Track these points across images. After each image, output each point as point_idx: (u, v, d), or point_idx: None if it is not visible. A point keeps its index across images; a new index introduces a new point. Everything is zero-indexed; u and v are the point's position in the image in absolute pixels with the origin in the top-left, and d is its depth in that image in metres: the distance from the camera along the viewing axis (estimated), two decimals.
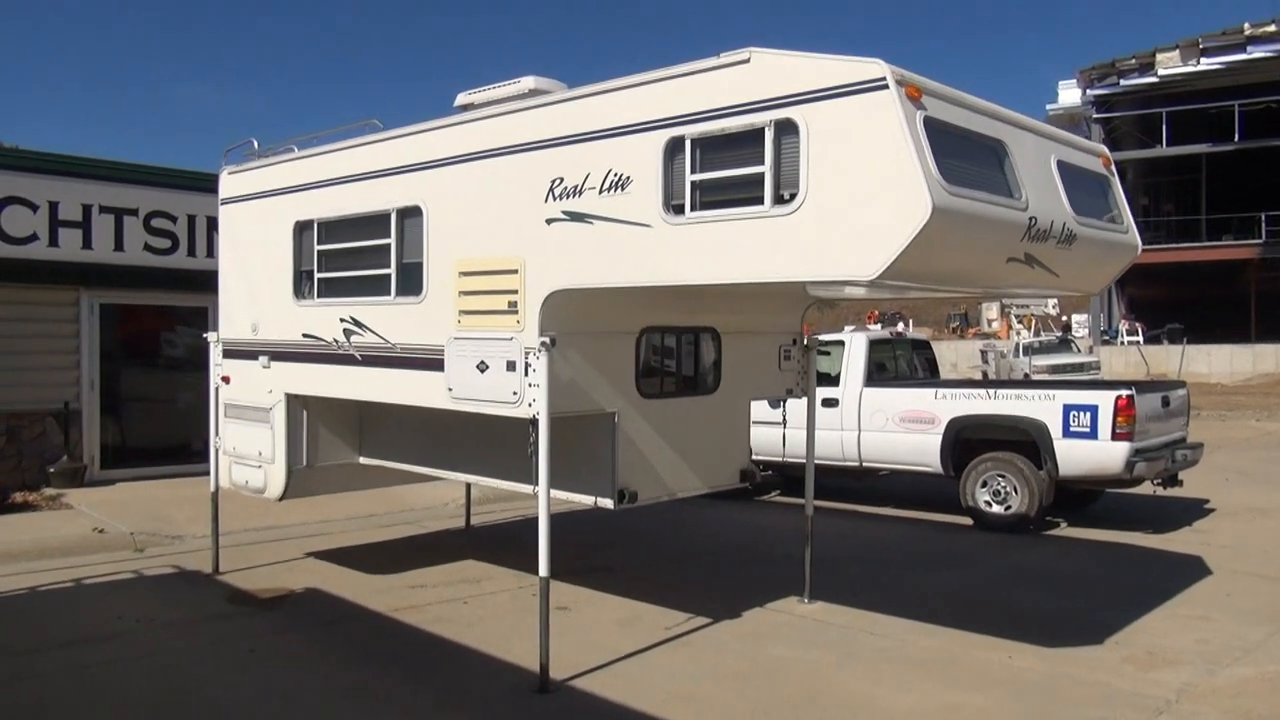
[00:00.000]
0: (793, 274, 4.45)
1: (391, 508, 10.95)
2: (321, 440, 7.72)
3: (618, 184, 5.11)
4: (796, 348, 7.33)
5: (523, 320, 5.63)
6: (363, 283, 6.81)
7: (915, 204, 4.03)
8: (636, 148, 5.04)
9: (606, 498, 6.09)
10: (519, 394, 5.64)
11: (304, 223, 7.28)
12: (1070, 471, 9.83)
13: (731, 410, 6.90)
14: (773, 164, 4.50)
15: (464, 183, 6.01)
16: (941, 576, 8.38)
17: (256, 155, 7.95)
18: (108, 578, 8.17)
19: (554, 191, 5.44)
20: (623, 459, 6.06)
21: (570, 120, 5.37)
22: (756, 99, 4.54)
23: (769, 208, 4.51)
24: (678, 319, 6.43)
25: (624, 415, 6.06)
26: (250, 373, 7.81)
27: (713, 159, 4.76)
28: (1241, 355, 35.76)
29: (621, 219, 5.10)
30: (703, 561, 9.00)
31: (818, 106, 4.33)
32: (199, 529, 9.67)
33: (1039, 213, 4.81)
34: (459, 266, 6.02)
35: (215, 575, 8.24)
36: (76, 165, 12.13)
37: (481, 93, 6.09)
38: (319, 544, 9.46)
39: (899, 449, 10.97)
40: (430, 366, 6.20)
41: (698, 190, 4.82)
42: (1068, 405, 9.79)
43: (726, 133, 4.67)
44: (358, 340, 6.79)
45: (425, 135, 6.27)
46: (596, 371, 5.90)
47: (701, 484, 6.67)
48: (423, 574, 8.31)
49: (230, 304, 8.13)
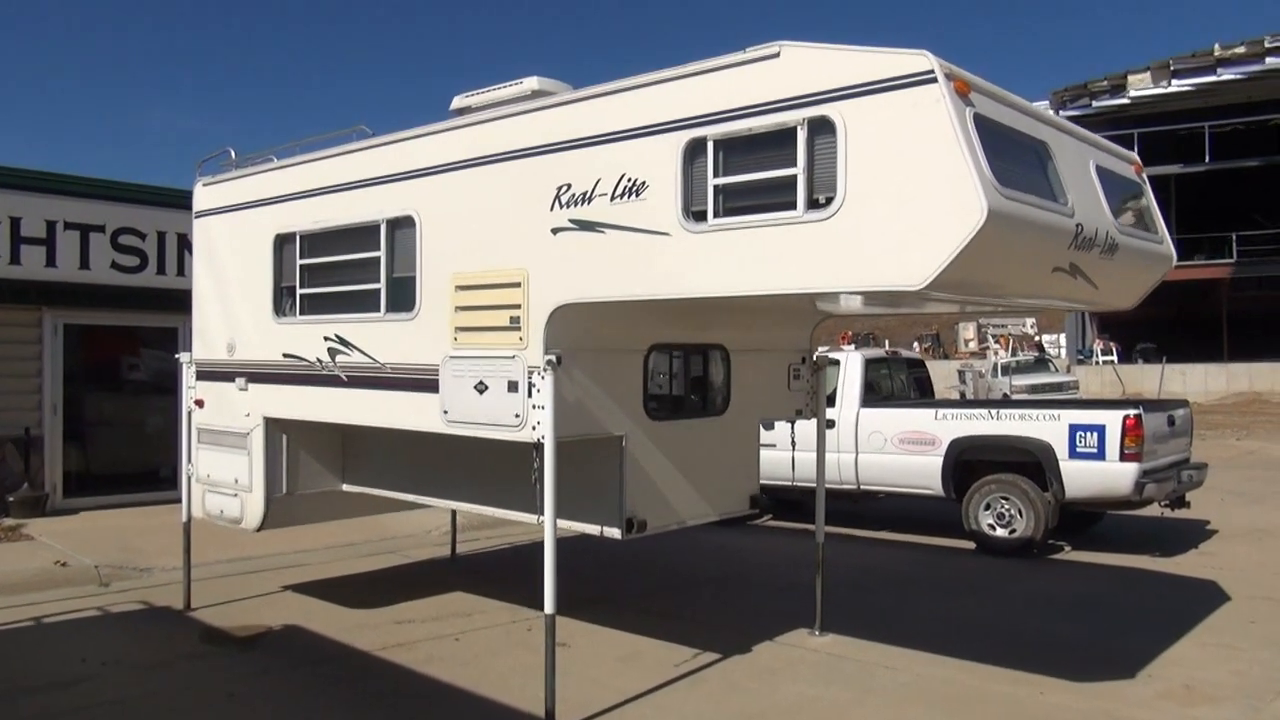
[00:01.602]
0: (829, 284, 4.11)
1: (372, 536, 10.47)
2: (302, 467, 7.27)
3: (631, 190, 4.76)
4: (806, 367, 6.99)
5: (526, 337, 5.25)
6: (349, 299, 6.40)
7: (968, 207, 3.71)
8: (652, 151, 4.69)
9: (614, 527, 5.70)
10: (521, 416, 5.25)
11: (285, 235, 6.86)
12: (1077, 494, 9.55)
13: (741, 432, 6.54)
14: (806, 166, 4.17)
15: (461, 191, 5.63)
16: (951, 604, 8.04)
17: (234, 166, 7.53)
18: (71, 615, 7.64)
19: (560, 199, 5.08)
20: (631, 485, 5.68)
21: (578, 123, 5.02)
22: (787, 96, 4.21)
23: (802, 213, 4.17)
24: (686, 336, 6.07)
25: (632, 438, 5.68)
26: (226, 395, 7.35)
27: (738, 161, 4.42)
28: (1215, 374, 35.99)
29: (636, 227, 4.74)
30: (701, 591, 8.60)
31: (857, 103, 4.01)
32: (168, 560, 9.16)
33: (1084, 220, 4.51)
34: (455, 280, 5.63)
35: (187, 611, 7.73)
36: (40, 180, 11.61)
37: (480, 95, 5.73)
38: (297, 576, 8.97)
39: (898, 471, 10.65)
40: (423, 388, 5.79)
41: (721, 195, 4.48)
42: (1074, 425, 9.53)
43: (754, 133, 4.34)
44: (344, 360, 6.37)
45: (419, 141, 5.89)
46: (603, 392, 5.52)
47: (711, 510, 6.30)
48: (409, 608, 7.85)
49: (205, 323, 7.67)
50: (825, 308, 6.52)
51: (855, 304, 6.04)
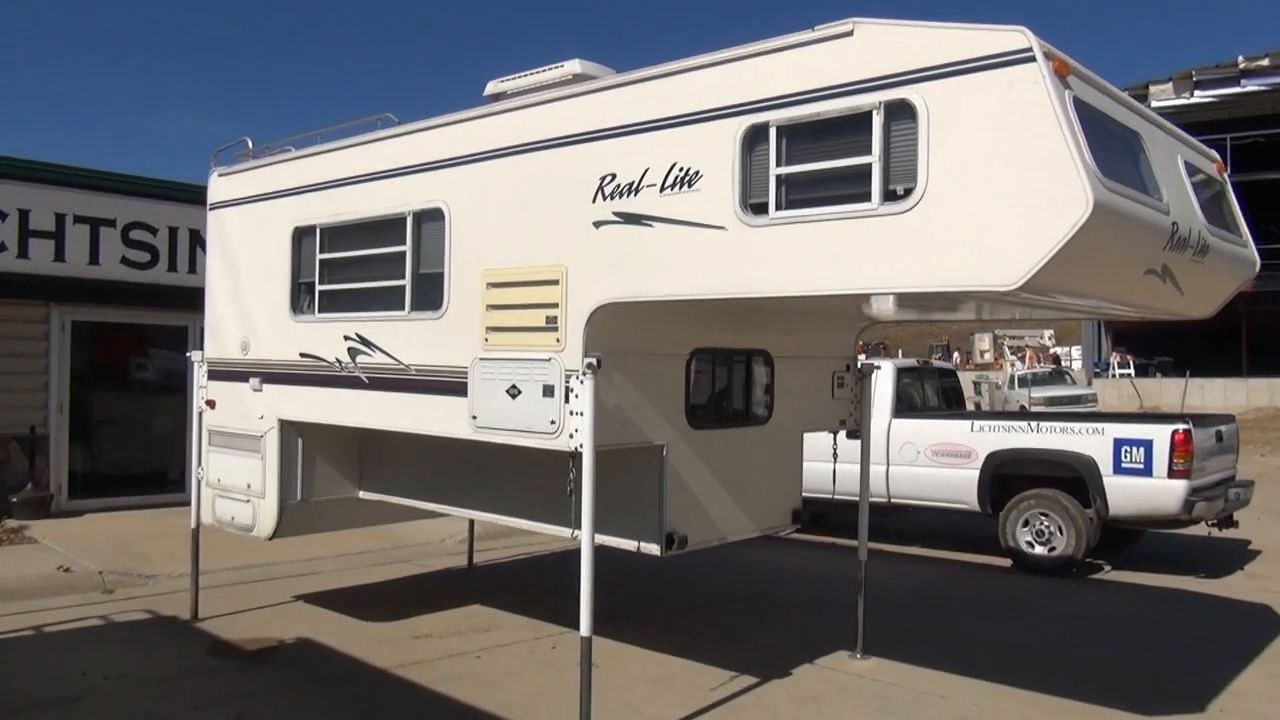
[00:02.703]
0: (906, 283, 3.74)
1: (385, 544, 10.11)
2: (318, 472, 6.91)
3: (683, 180, 4.40)
4: (850, 374, 6.62)
5: (564, 338, 4.89)
6: (372, 296, 6.06)
7: (1071, 199, 3.34)
8: (707, 138, 4.33)
9: (652, 542, 5.34)
10: (558, 423, 4.89)
11: (304, 229, 6.52)
12: (1121, 511, 9.15)
13: (784, 443, 6.17)
14: (882, 153, 3.81)
15: (494, 182, 5.28)
16: (995, 626, 7.65)
17: (251, 156, 7.20)
18: (73, 624, 7.29)
19: (604, 190, 4.72)
20: (671, 498, 5.31)
21: (625, 108, 4.66)
22: (862, 78, 3.86)
23: (877, 205, 3.81)
24: (730, 340, 5.71)
25: (672, 448, 5.32)
26: (239, 396, 7.01)
27: (804, 149, 4.06)
28: (1235, 389, 35.45)
29: (688, 220, 4.38)
30: (729, 607, 8.22)
31: (941, 85, 3.64)
32: (175, 567, 8.81)
33: (1179, 218, 4.14)
34: (487, 277, 5.28)
35: (194, 622, 7.38)
36: (49, 171, 11.28)
37: (516, 80, 5.38)
38: (308, 585, 8.61)
39: (931, 484, 10.26)
40: (450, 391, 5.44)
41: (784, 186, 4.12)
42: (1119, 440, 9.13)
43: (822, 118, 3.98)
44: (365, 360, 6.02)
45: (449, 128, 5.54)
46: (644, 398, 5.16)
47: (753, 526, 5.93)
48: (426, 621, 7.49)
49: (218, 320, 7.33)
50: (874, 312, 6.16)
51: (888, 307, 5.66)
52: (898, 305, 5.17)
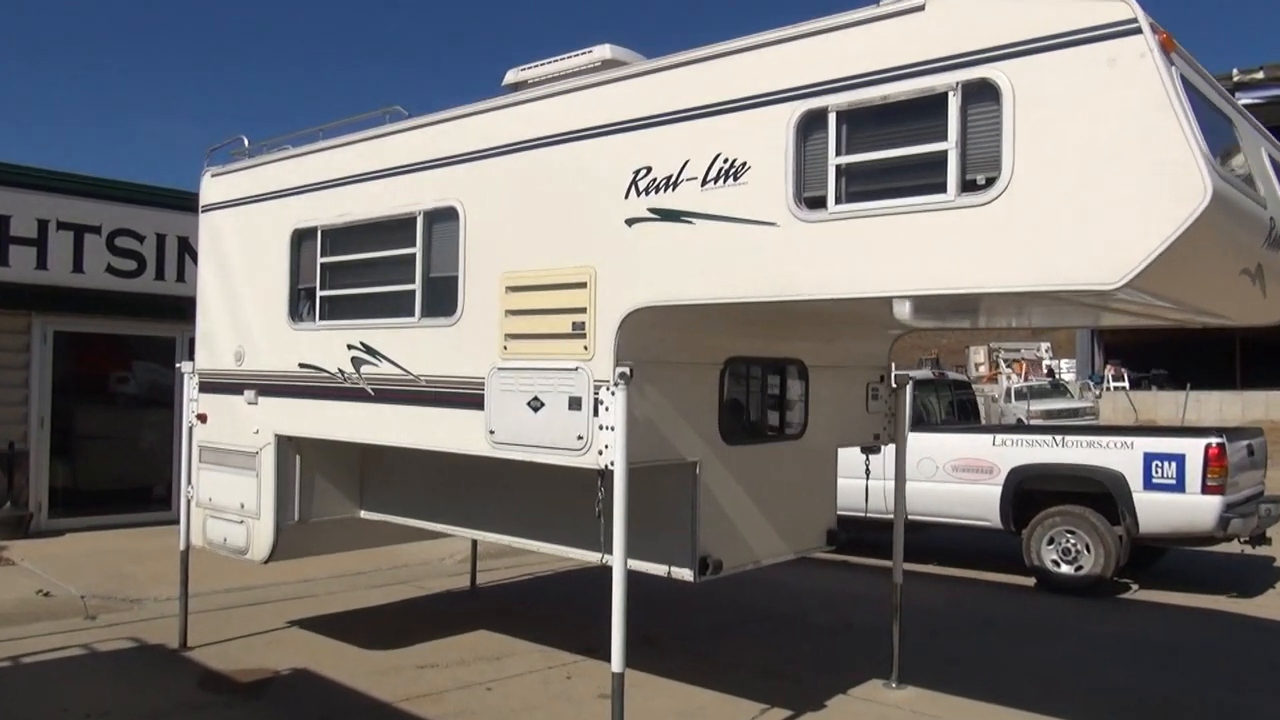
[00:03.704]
0: (989, 282, 3.37)
1: (382, 564, 9.65)
2: (317, 491, 6.49)
3: (728, 173, 4.03)
4: (885, 386, 6.25)
5: (592, 346, 4.50)
6: (378, 301, 5.65)
7: (1186, 187, 2.97)
8: (756, 126, 3.96)
9: (684, 567, 4.93)
10: (585, 438, 4.49)
11: (304, 231, 6.11)
12: (1152, 529, 8.79)
13: (819, 459, 5.79)
14: (959, 139, 3.44)
15: (514, 177, 4.89)
16: (1029, 650, 7.27)
17: (247, 155, 6.79)
18: (52, 654, 6.82)
19: (638, 185, 4.34)
20: (704, 519, 4.91)
21: (663, 96, 4.28)
22: (935, 56, 3.49)
23: (954, 196, 3.44)
24: (764, 348, 5.33)
25: (706, 465, 4.92)
26: (233, 410, 6.58)
27: (868, 136, 3.69)
28: (1230, 402, 35.28)
29: (734, 216, 4.01)
30: (751, 631, 7.81)
31: (1029, 62, 3.28)
32: (161, 589, 8.36)
33: (1276, 213, 3.78)
34: (506, 280, 4.88)
35: (182, 651, 6.92)
36: (32, 176, 10.85)
37: (539, 68, 4.99)
38: (303, 609, 8.16)
39: (951, 501, 9.88)
40: (465, 403, 5.03)
41: (844, 177, 3.74)
42: (1149, 454, 8.78)
43: (890, 101, 3.61)
44: (370, 371, 5.61)
45: (464, 121, 5.15)
46: (677, 411, 4.77)
47: (787, 548, 5.53)
48: (431, 649, 7.05)
49: (210, 328, 6.90)
50: (909, 318, 5.78)
51: (929, 312, 5.29)
52: (957, 308, 4.77)
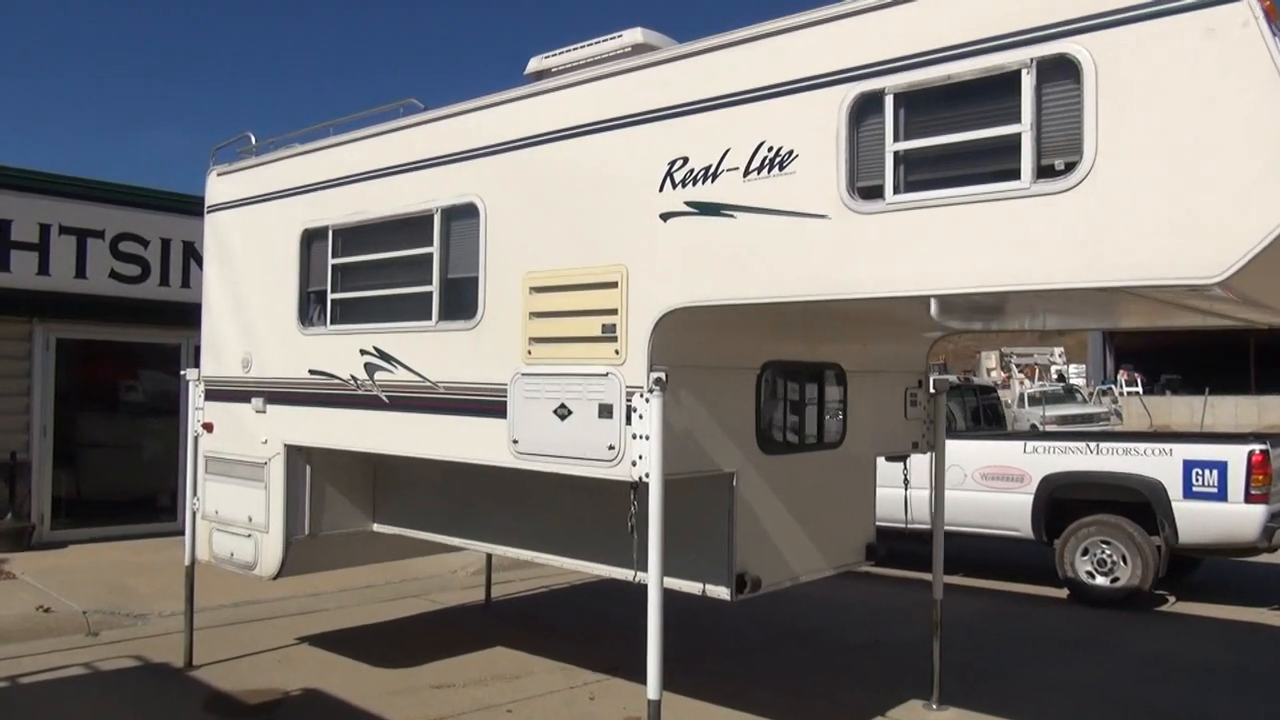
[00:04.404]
0: (1071, 276, 3.07)
1: (392, 577, 9.35)
2: (328, 503, 6.21)
3: (773, 162, 3.74)
4: (923, 391, 5.95)
5: (623, 350, 4.21)
6: (393, 304, 5.37)
7: None
8: (804, 111, 3.67)
9: (720, 585, 4.64)
10: (617, 449, 4.20)
11: (315, 231, 5.84)
12: (1193, 539, 8.47)
13: (857, 469, 5.49)
14: (1034, 121, 3.15)
15: (538, 171, 4.61)
16: (1071, 669, 6.95)
17: (254, 153, 6.52)
18: (54, 673, 6.54)
19: (673, 177, 4.05)
20: (741, 534, 4.62)
21: (700, 81, 4.00)
22: (1006, 31, 3.20)
23: (1029, 183, 3.15)
24: (802, 352, 5.04)
25: (742, 476, 4.63)
26: (240, 419, 6.30)
27: (930, 120, 3.40)
28: (1246, 406, 34.92)
29: (779, 209, 3.72)
30: (777, 649, 7.50)
31: (1113, 35, 2.99)
32: (165, 604, 8.08)
33: None
34: (529, 281, 4.60)
35: (188, 670, 6.63)
36: (33, 179, 10.59)
37: (565, 54, 4.71)
38: (311, 625, 7.87)
39: (979, 510, 9.56)
40: (486, 411, 4.74)
41: (902, 164, 3.46)
42: (1189, 461, 8.47)
43: (954, 81, 3.32)
44: (384, 378, 5.32)
45: (483, 113, 4.88)
46: (713, 419, 4.47)
47: (825, 564, 5.23)
48: (446, 668, 6.75)
49: (216, 334, 6.63)
50: (944, 320, 5.49)
51: (956, 313, 4.99)
52: (1023, 306, 4.47)
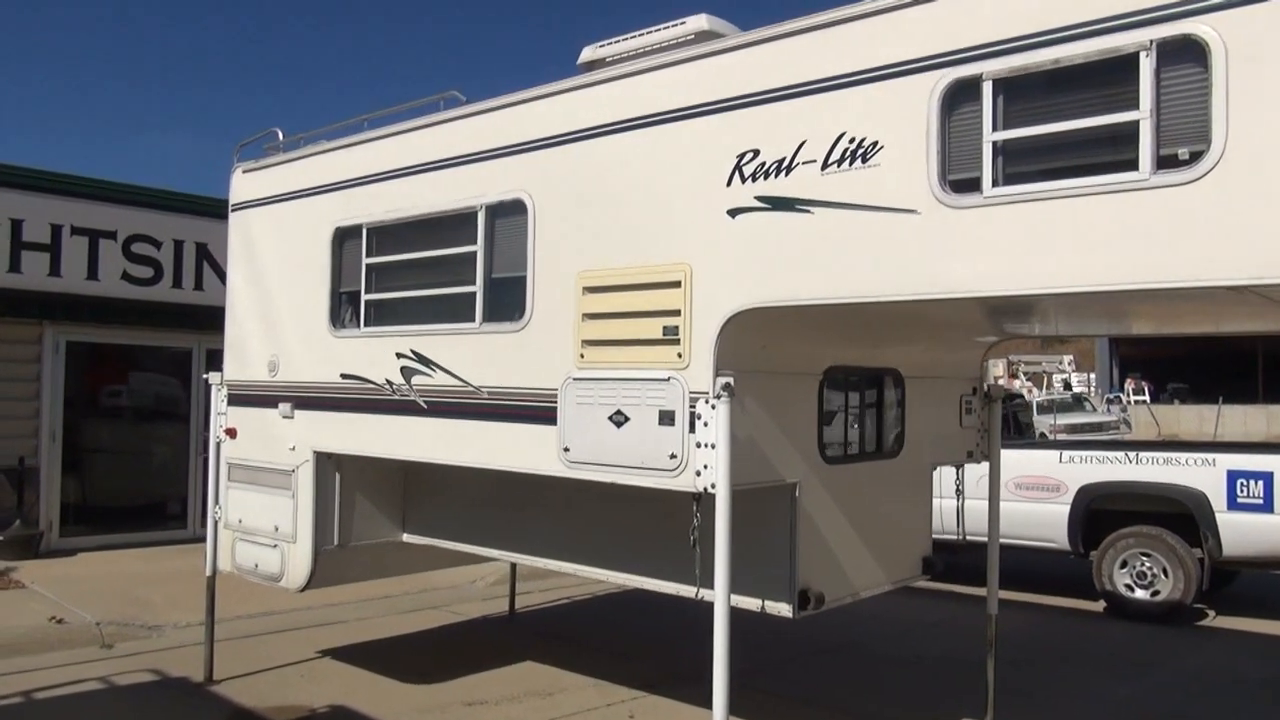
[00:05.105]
0: (1194, 275, 2.86)
1: (410, 588, 9.11)
2: (358, 513, 5.98)
3: (855, 154, 3.52)
4: (978, 398, 5.73)
5: (687, 353, 3.99)
6: (431, 306, 5.15)
7: None
8: (890, 99, 3.46)
9: (781, 602, 4.41)
10: (680, 458, 3.97)
11: (348, 229, 5.61)
12: (1237, 552, 8.25)
13: (915, 479, 5.28)
14: (1154, 107, 2.93)
15: (592, 166, 4.39)
16: (1123, 687, 6.72)
17: (280, 149, 6.30)
18: (68, 688, 6.30)
19: (743, 170, 3.83)
20: (804, 548, 4.39)
21: (774, 69, 3.78)
22: (1122, 11, 2.99)
23: (1148, 174, 2.93)
24: (864, 356, 4.82)
25: (805, 487, 4.40)
26: (266, 424, 6.07)
27: (1033, 108, 3.18)
28: (1255, 415, 34.71)
29: (862, 203, 3.50)
30: (813, 666, 7.25)
31: (1246, 12, 2.78)
32: (180, 615, 7.85)
33: None
34: (583, 280, 4.37)
35: (209, 685, 6.40)
36: (45, 179, 10.37)
37: (620, 43, 4.50)
38: (332, 637, 7.63)
39: (1013, 521, 9.28)
40: (534, 418, 4.52)
41: (1001, 155, 3.24)
42: (1233, 472, 8.25)
43: (1062, 65, 3.10)
44: (422, 382, 5.09)
45: (533, 105, 4.66)
46: (776, 427, 4.25)
47: (885, 578, 5.00)
48: (476, 683, 6.52)
49: (240, 336, 6.40)
50: (1009, 327, 5.27)
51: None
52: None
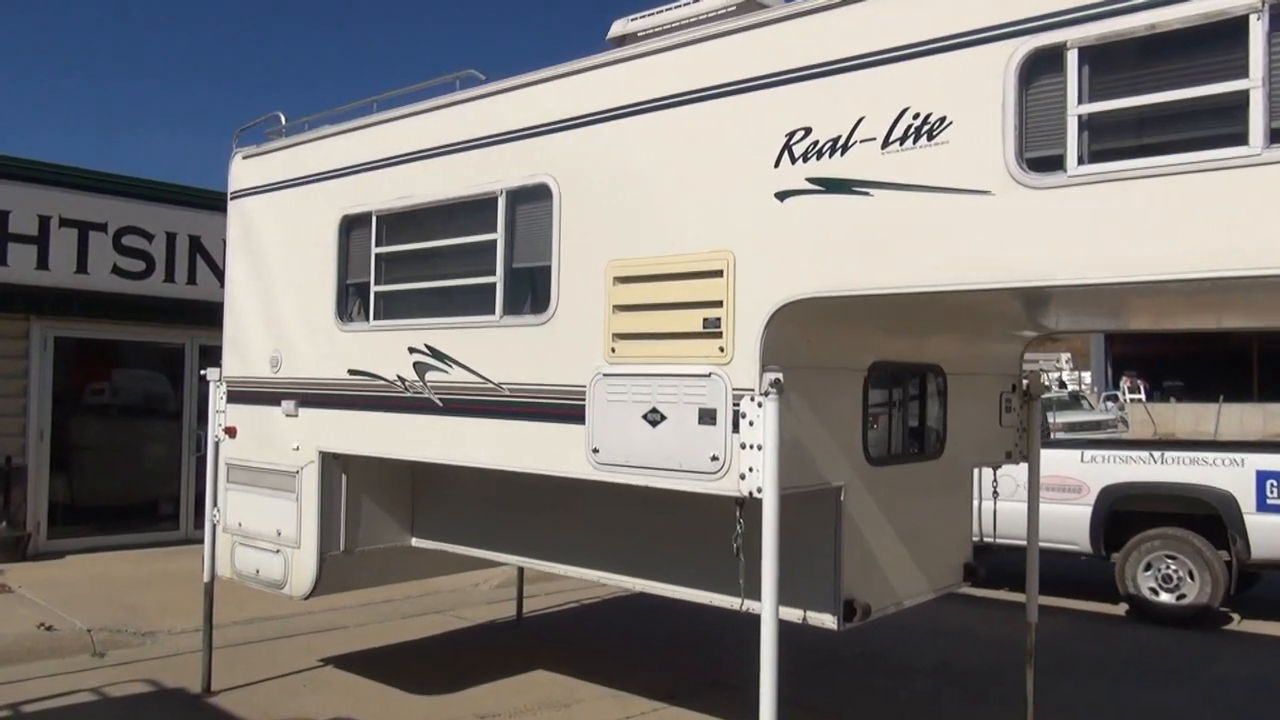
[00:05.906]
0: None
1: (411, 592, 8.78)
2: (365, 516, 5.69)
3: (920, 131, 3.25)
4: (1018, 396, 5.47)
5: (729, 347, 3.71)
6: (447, 298, 4.86)
7: None
8: (960, 71, 3.18)
9: (825, 612, 4.15)
10: (722, 460, 3.70)
11: (356, 217, 5.32)
12: (1267, 554, 8.03)
13: (957, 481, 5.02)
14: (1265, 76, 2.67)
15: (623, 147, 4.11)
16: (1158, 695, 6.49)
17: (281, 134, 6.00)
18: (58, 700, 5.99)
19: (792, 150, 3.56)
20: (849, 555, 4.12)
21: (829, 41, 3.51)
22: None
23: (1259, 149, 2.67)
24: (909, 351, 4.55)
25: (850, 490, 4.13)
26: (268, 423, 5.77)
27: (1124, 78, 2.92)
28: (1251, 414, 34.52)
29: (928, 185, 3.23)
30: (833, 676, 6.97)
31: None
32: (174, 621, 7.55)
33: None
34: (613, 270, 4.09)
35: (206, 696, 6.10)
36: (32, 169, 10.03)
37: (654, 16, 4.22)
38: (334, 644, 7.34)
39: None
40: (560, 416, 4.24)
41: (1087, 131, 2.97)
42: (1263, 472, 8.03)
43: (1158, 31, 2.84)
44: (437, 379, 4.81)
45: (559, 83, 4.37)
46: (822, 426, 3.98)
47: (928, 586, 4.74)
48: (487, 694, 6.24)
49: (240, 331, 6.10)
50: (1046, 320, 5.03)
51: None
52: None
